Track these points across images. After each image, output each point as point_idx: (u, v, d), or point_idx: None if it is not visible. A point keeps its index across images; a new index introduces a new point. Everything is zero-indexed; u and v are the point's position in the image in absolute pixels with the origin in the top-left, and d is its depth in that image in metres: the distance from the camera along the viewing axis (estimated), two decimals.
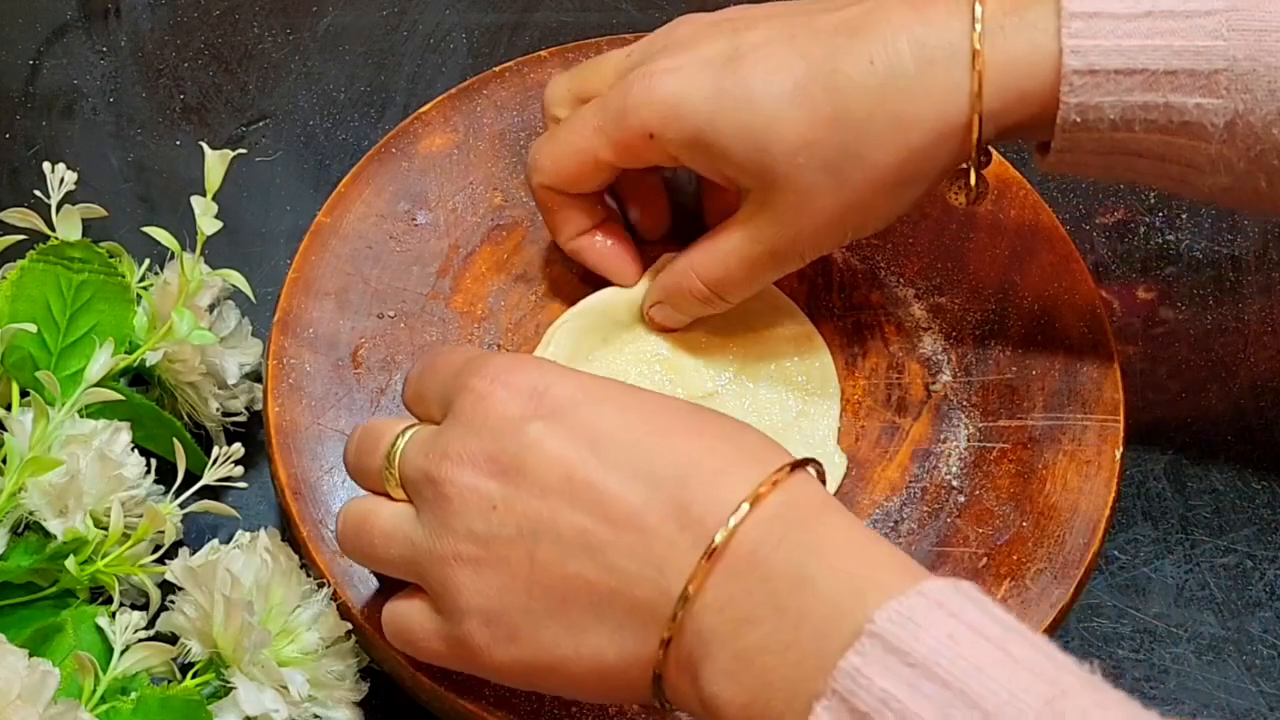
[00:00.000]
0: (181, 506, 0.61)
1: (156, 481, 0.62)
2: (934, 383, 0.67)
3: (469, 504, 0.51)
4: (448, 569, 0.51)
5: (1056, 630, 0.62)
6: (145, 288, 0.67)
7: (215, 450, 0.61)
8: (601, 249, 0.67)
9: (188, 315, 0.63)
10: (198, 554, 0.59)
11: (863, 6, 0.59)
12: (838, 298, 0.69)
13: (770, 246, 0.62)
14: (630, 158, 0.62)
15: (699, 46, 0.61)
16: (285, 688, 0.56)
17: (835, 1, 0.60)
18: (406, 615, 0.55)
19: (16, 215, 0.64)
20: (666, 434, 0.50)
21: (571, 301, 0.69)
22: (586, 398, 0.51)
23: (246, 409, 0.68)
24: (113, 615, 0.58)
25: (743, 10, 0.62)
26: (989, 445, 0.65)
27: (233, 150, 0.65)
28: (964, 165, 0.60)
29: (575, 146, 0.63)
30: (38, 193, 0.65)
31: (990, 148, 0.59)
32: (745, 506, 0.47)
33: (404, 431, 0.55)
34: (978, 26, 0.56)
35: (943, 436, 0.66)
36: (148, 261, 0.69)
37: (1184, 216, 0.78)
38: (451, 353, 0.56)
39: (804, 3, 0.62)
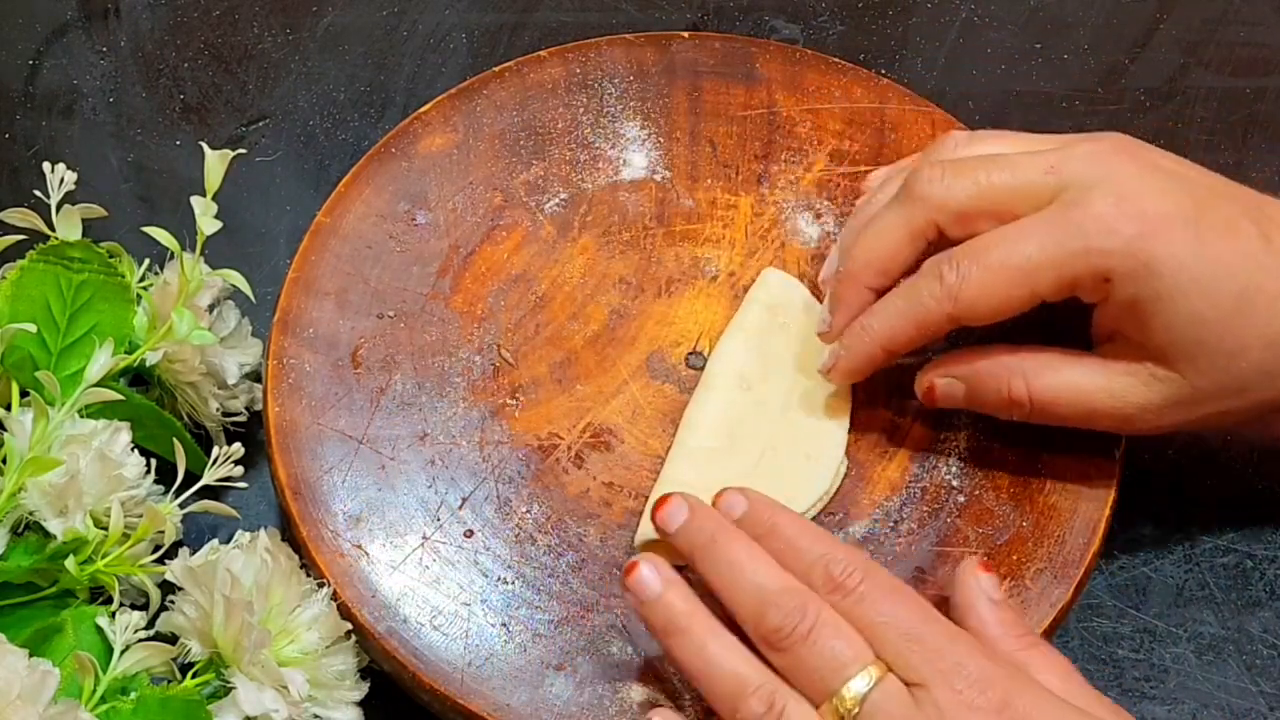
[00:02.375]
0: (181, 506, 0.61)
1: (156, 481, 0.62)
2: None
3: None
4: None
5: (1056, 630, 0.62)
6: (145, 288, 0.67)
7: (215, 450, 0.61)
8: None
9: (188, 315, 0.63)
10: (198, 554, 0.60)
11: None
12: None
13: (1121, 408, 0.61)
14: (1061, 294, 0.60)
15: (1160, 197, 0.58)
16: (285, 688, 0.56)
17: (1266, 200, 0.60)
18: None
19: (16, 215, 0.64)
20: None
21: (571, 301, 0.69)
22: None
23: (246, 409, 0.68)
24: (113, 615, 0.58)
25: (1180, 169, 0.60)
26: (989, 445, 0.65)
27: (233, 150, 0.65)
28: None
29: (1013, 279, 0.59)
30: (38, 193, 0.65)
31: None
32: None
33: (866, 670, 0.54)
34: None
35: (943, 436, 0.65)
36: (148, 261, 0.69)
37: None
38: (942, 627, 0.55)
39: (1229, 180, 0.61)
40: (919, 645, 0.54)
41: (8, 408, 0.61)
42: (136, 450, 0.62)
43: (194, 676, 0.58)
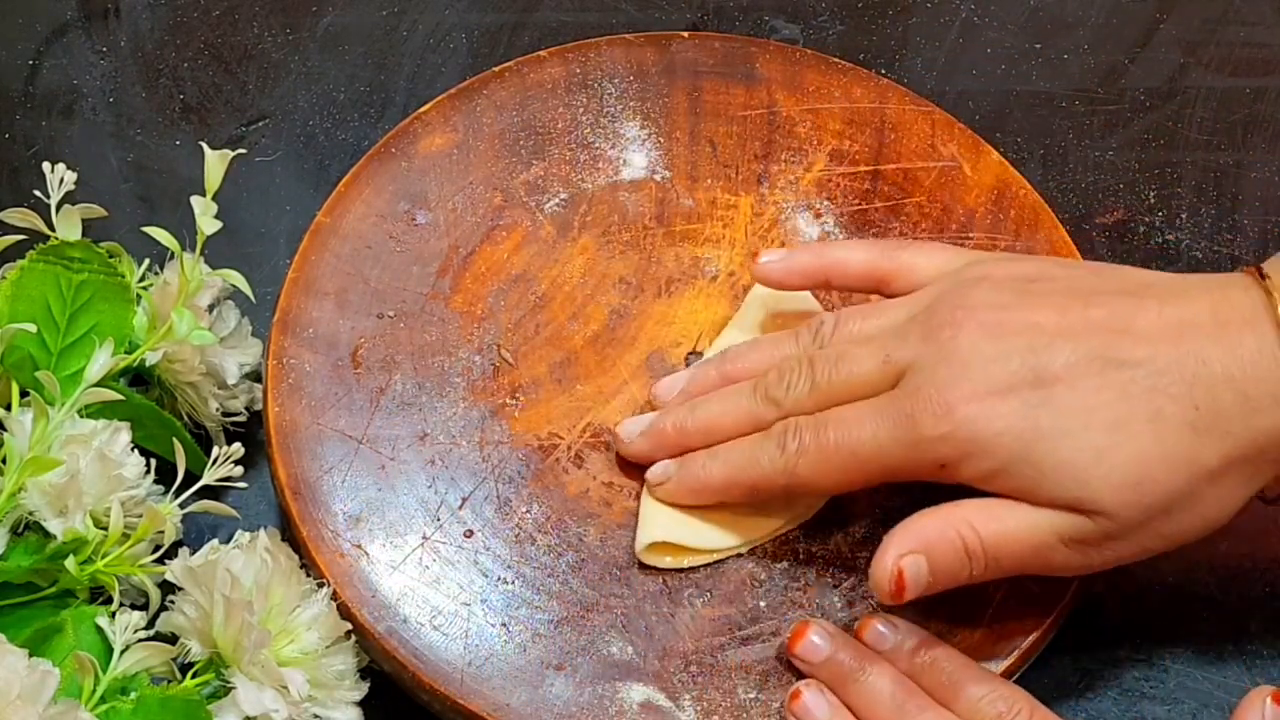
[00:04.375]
0: (181, 506, 0.61)
1: (156, 481, 0.62)
2: None
3: None
4: None
5: (1055, 630, 0.62)
6: (145, 288, 0.67)
7: (215, 450, 0.61)
8: None
9: (188, 315, 0.63)
10: (198, 554, 0.59)
11: (1169, 336, 0.57)
12: (838, 298, 0.69)
13: (1071, 549, 0.58)
14: (899, 479, 0.60)
15: (991, 367, 0.57)
16: (285, 688, 0.56)
17: (1130, 311, 0.58)
18: None
19: (16, 215, 0.64)
20: None
21: (572, 301, 0.69)
22: None
23: (246, 409, 0.68)
24: (113, 615, 0.58)
25: (1023, 315, 0.58)
26: None
27: (233, 150, 0.65)
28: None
29: (846, 464, 0.59)
30: (38, 193, 0.65)
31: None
32: None
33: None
34: None
35: None
36: (148, 261, 0.69)
37: (1184, 216, 0.78)
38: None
39: (1090, 300, 0.59)
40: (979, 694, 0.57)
41: (8, 408, 0.61)
42: (136, 450, 0.62)
43: (194, 676, 0.58)
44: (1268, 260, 0.59)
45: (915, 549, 0.58)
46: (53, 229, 0.65)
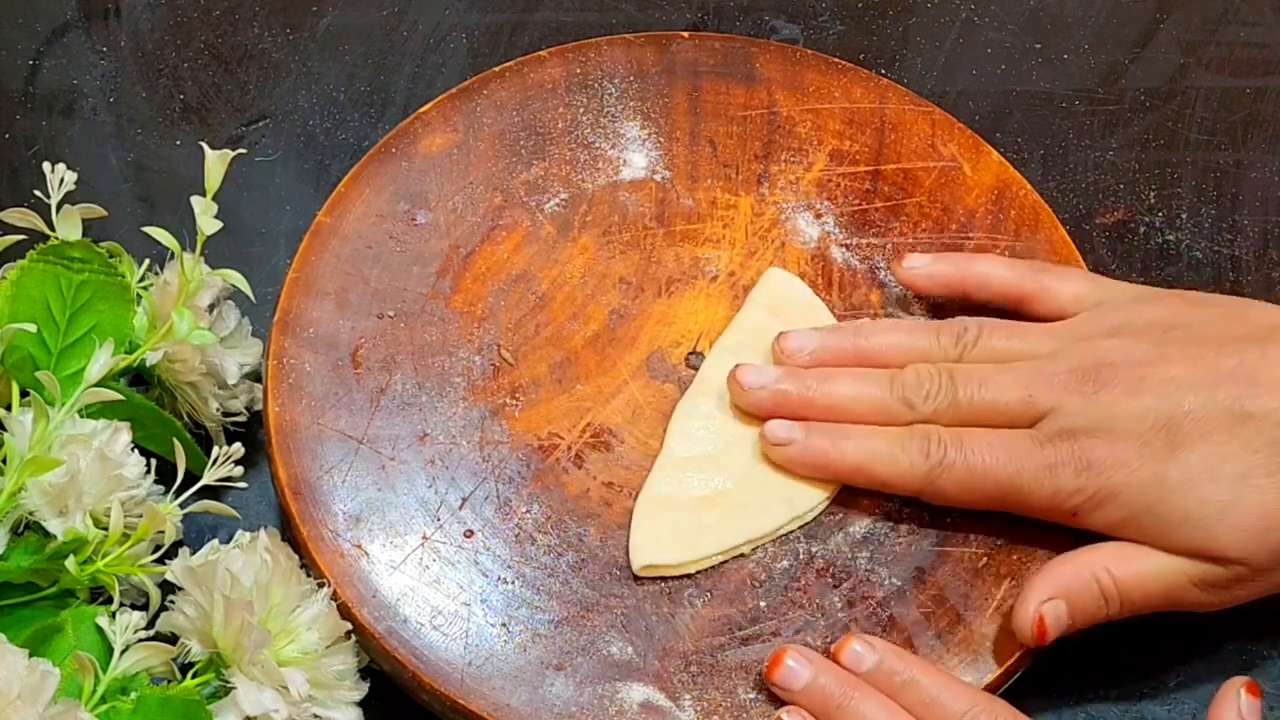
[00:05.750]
0: (181, 506, 0.61)
1: (156, 481, 0.62)
2: None
3: None
4: None
5: None
6: (145, 288, 0.67)
7: (215, 450, 0.61)
8: None
9: (188, 315, 0.63)
10: (198, 554, 0.60)
11: None
12: (838, 298, 0.69)
13: (1204, 590, 0.61)
14: (1027, 514, 0.62)
15: (1128, 424, 0.60)
16: (285, 688, 0.56)
17: (1257, 360, 0.60)
18: None
19: (16, 215, 0.64)
20: None
21: (572, 301, 0.69)
22: None
23: (246, 409, 0.68)
24: (113, 615, 0.58)
25: (1160, 370, 0.61)
26: None
27: (233, 150, 0.65)
28: None
29: (988, 491, 0.62)
30: (38, 193, 0.65)
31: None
32: None
33: None
34: None
35: None
36: (148, 261, 0.69)
37: (1184, 216, 0.78)
38: None
39: (1221, 349, 0.61)
40: None
41: (8, 408, 0.61)
42: (136, 450, 0.62)
43: (194, 676, 0.58)
44: None
45: (1055, 595, 0.60)
46: (53, 229, 0.65)
